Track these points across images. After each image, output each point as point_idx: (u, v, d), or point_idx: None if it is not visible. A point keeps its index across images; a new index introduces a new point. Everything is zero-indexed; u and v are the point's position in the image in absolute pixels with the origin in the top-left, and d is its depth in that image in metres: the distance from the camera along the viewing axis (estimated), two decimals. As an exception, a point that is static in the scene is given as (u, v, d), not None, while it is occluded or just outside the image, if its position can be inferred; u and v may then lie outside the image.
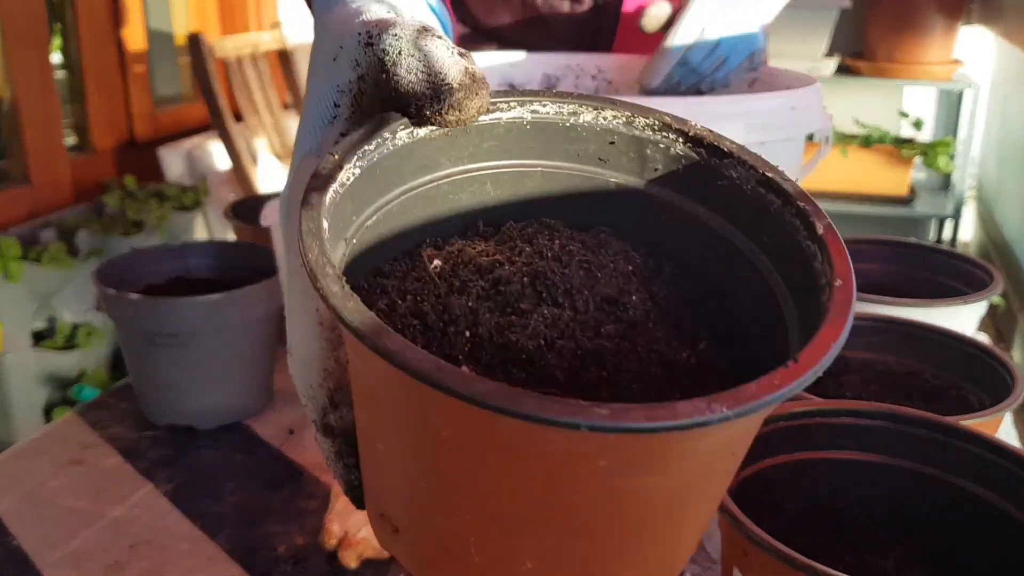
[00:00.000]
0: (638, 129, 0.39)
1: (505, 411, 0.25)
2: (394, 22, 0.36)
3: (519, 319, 0.33)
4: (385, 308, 0.34)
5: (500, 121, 0.38)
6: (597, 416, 0.24)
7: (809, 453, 0.57)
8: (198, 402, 0.86)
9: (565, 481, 0.28)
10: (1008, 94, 2.89)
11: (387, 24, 0.36)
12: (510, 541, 0.31)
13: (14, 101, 1.98)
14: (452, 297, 0.34)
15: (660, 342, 0.35)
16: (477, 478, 0.29)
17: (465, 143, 0.38)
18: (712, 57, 0.98)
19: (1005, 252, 2.68)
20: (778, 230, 0.36)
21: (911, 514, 0.56)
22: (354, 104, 0.38)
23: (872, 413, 0.56)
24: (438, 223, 0.39)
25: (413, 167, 0.37)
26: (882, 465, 0.56)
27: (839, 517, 0.57)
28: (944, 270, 0.91)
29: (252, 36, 2.43)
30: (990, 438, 0.53)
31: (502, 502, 0.29)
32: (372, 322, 0.26)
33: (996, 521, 0.52)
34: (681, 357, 0.34)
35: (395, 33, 0.36)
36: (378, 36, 0.36)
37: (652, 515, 0.30)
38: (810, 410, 0.56)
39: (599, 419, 0.24)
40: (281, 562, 0.66)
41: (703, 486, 0.32)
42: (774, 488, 0.56)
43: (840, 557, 0.56)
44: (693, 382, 0.34)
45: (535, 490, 0.29)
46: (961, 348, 0.72)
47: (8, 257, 1.75)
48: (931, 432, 0.55)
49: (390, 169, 0.36)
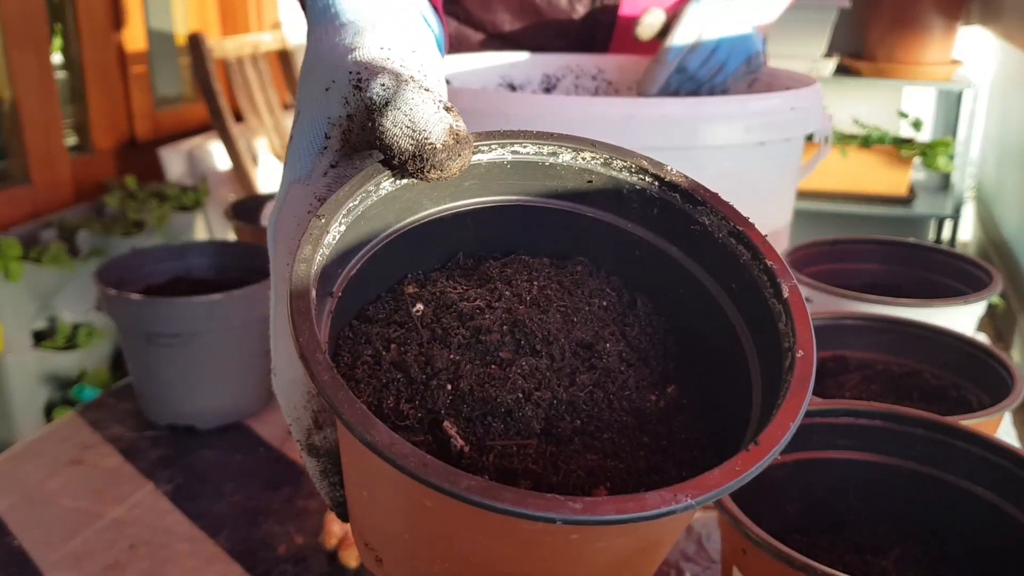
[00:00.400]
0: (615, 170, 0.41)
1: (486, 507, 0.27)
2: (383, 69, 0.37)
3: (499, 370, 0.35)
4: (370, 359, 0.35)
5: (481, 162, 0.40)
6: (571, 511, 0.27)
7: (809, 453, 0.57)
8: (198, 402, 0.86)
9: (539, 549, 0.31)
10: (1007, 94, 2.89)
11: (376, 71, 0.37)
12: None
13: (15, 101, 1.98)
14: (435, 347, 0.36)
15: (631, 388, 0.37)
16: (457, 543, 0.32)
17: (446, 184, 0.39)
18: (710, 63, 0.98)
19: (1004, 252, 2.68)
20: (746, 281, 0.37)
21: (911, 514, 0.56)
22: (344, 139, 0.38)
23: (872, 413, 0.56)
24: (420, 259, 0.41)
25: (396, 211, 0.39)
26: (882, 465, 0.56)
27: (839, 517, 0.57)
28: (943, 270, 0.91)
29: (252, 36, 2.43)
30: (989, 438, 0.53)
31: (481, 560, 0.32)
32: (362, 415, 0.28)
33: (996, 521, 0.52)
34: (649, 402, 0.37)
35: (383, 83, 0.36)
36: (367, 82, 0.36)
37: (617, 567, 0.33)
38: (810, 410, 0.57)
39: (573, 514, 0.27)
40: (281, 562, 0.66)
41: (665, 539, 0.34)
42: (774, 488, 0.56)
43: (840, 557, 0.56)
44: (660, 427, 0.36)
45: (511, 555, 0.31)
46: (961, 348, 0.72)
47: (9, 257, 1.75)
48: (931, 432, 0.55)
49: (374, 218, 0.37)
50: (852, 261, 0.95)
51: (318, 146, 0.39)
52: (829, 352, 0.76)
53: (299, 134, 0.39)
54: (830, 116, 0.99)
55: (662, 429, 0.36)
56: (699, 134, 0.83)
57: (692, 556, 0.67)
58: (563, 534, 0.29)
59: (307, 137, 0.39)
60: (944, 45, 2.77)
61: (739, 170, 0.88)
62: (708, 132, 0.83)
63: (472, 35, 1.12)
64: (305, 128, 0.39)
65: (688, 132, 0.82)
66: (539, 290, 0.39)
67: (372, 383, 0.34)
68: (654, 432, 0.36)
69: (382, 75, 0.36)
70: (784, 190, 0.96)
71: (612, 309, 0.40)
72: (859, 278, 0.92)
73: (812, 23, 2.65)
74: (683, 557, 0.66)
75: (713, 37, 0.96)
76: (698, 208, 0.39)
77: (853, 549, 0.56)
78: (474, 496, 0.27)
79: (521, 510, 0.27)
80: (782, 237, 0.98)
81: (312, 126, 0.39)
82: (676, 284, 0.40)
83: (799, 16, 2.60)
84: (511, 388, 0.34)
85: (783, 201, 0.97)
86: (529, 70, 1.12)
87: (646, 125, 0.82)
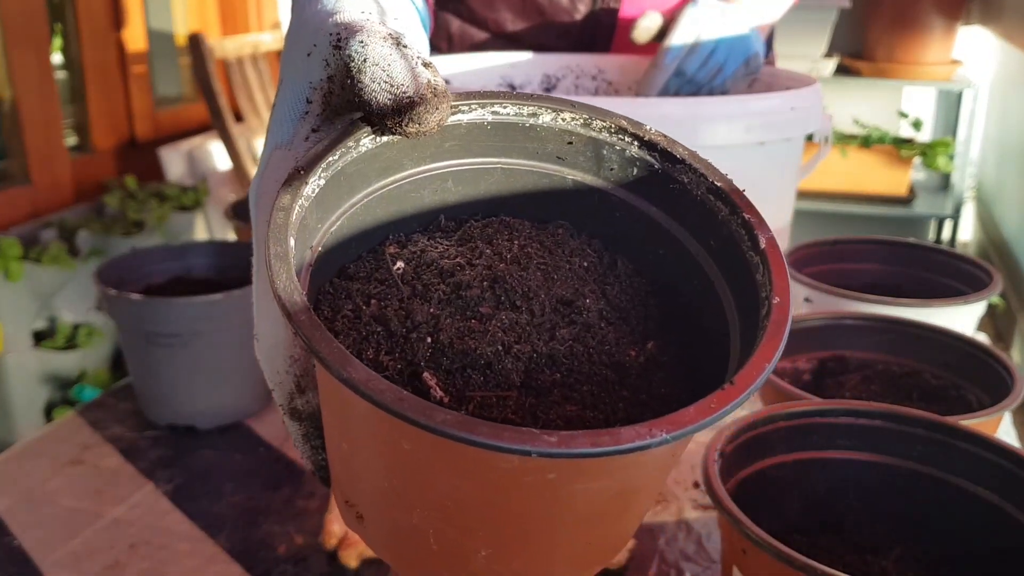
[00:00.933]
0: (595, 131, 0.41)
1: (461, 439, 0.27)
2: (362, 28, 0.37)
3: (479, 324, 0.35)
4: (350, 313, 0.35)
5: (461, 123, 0.40)
6: (546, 444, 0.27)
7: (809, 453, 0.57)
8: (198, 402, 0.86)
9: (516, 490, 0.31)
10: (1007, 94, 2.89)
11: (355, 29, 0.37)
12: (465, 536, 0.33)
13: (15, 101, 1.98)
14: (415, 302, 0.36)
15: (610, 343, 0.37)
16: (435, 485, 0.31)
17: (427, 144, 0.40)
18: (708, 65, 0.98)
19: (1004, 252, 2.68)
20: (724, 237, 0.38)
21: (911, 514, 0.56)
22: (325, 102, 0.39)
23: (872, 413, 0.56)
24: (401, 220, 0.41)
25: (377, 170, 0.39)
26: (882, 465, 0.56)
27: (839, 517, 0.57)
28: (943, 270, 0.91)
29: (252, 36, 2.43)
30: (989, 438, 0.53)
31: (458, 506, 0.32)
32: (338, 353, 0.28)
33: (995, 520, 0.52)
34: (629, 357, 0.37)
35: (361, 40, 0.36)
36: (346, 41, 0.37)
37: (596, 512, 0.33)
38: (810, 410, 0.57)
39: (548, 446, 0.27)
40: (281, 562, 0.66)
41: (644, 485, 0.35)
42: (774, 488, 0.56)
43: (840, 557, 0.56)
44: (640, 381, 0.36)
45: (488, 497, 0.31)
46: (960, 348, 0.72)
47: (9, 257, 1.75)
48: (931, 432, 0.55)
49: (354, 175, 0.38)
50: (852, 261, 0.95)
51: (299, 111, 0.39)
52: (829, 352, 0.76)
53: (281, 101, 0.40)
54: (830, 116, 0.99)
55: (641, 384, 0.36)
56: (699, 134, 0.83)
57: (692, 556, 0.67)
58: (540, 473, 0.29)
59: (289, 103, 0.39)
60: (944, 45, 2.76)
61: (739, 170, 0.88)
62: (708, 132, 0.83)
63: (475, 34, 1.12)
64: (287, 94, 0.39)
65: (688, 132, 0.82)
66: (520, 249, 0.39)
67: (352, 335, 0.34)
68: (633, 386, 0.36)
69: (361, 33, 0.36)
70: (784, 190, 0.96)
71: (593, 269, 0.40)
72: (859, 278, 0.93)
73: (812, 23, 2.65)
74: (683, 557, 0.66)
75: (711, 39, 0.96)
76: (677, 167, 0.40)
77: (853, 549, 0.56)
78: (450, 429, 0.27)
79: (496, 443, 0.26)
80: (782, 237, 0.98)
81: (294, 92, 0.39)
82: (656, 244, 0.41)
83: (799, 16, 2.60)
84: (491, 341, 0.34)
85: (783, 201, 0.97)
86: (529, 70, 1.12)
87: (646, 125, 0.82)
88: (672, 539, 0.69)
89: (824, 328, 0.76)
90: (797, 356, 0.76)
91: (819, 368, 0.76)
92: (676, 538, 0.69)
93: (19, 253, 1.78)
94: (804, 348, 0.76)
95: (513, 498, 0.31)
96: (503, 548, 0.33)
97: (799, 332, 0.76)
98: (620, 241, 0.42)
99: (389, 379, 0.32)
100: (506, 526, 0.32)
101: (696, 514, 0.72)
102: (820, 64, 2.75)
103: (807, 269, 0.89)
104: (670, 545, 0.68)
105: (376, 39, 0.36)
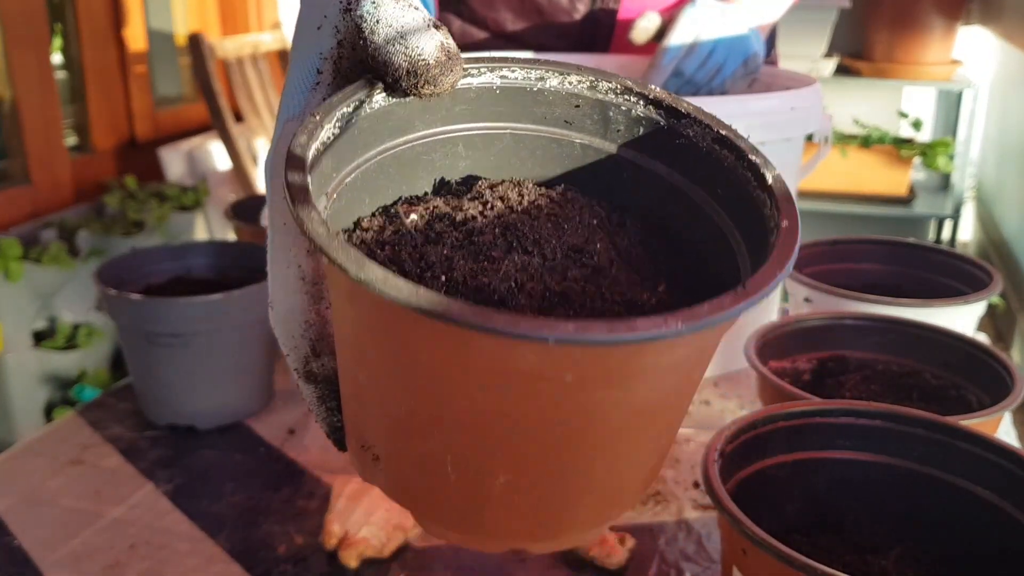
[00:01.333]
0: (601, 93, 0.42)
1: (478, 327, 0.27)
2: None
3: (491, 265, 0.36)
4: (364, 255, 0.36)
5: (471, 86, 0.40)
6: (563, 330, 0.27)
7: (809, 453, 0.57)
8: (198, 402, 0.86)
9: (534, 396, 0.31)
10: (1007, 94, 2.89)
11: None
12: (484, 457, 0.33)
13: (15, 101, 1.98)
14: (428, 247, 0.36)
15: (622, 284, 0.37)
16: (453, 399, 0.32)
17: (438, 107, 0.40)
18: (707, 66, 0.98)
19: (1004, 252, 2.68)
20: (732, 182, 0.38)
21: (911, 514, 0.56)
22: (335, 69, 0.39)
23: (872, 413, 0.56)
24: (413, 182, 0.41)
25: (389, 129, 0.39)
26: (882, 465, 0.56)
27: (839, 517, 0.57)
28: (943, 270, 0.91)
29: (252, 36, 2.43)
30: (990, 438, 0.53)
31: (476, 420, 0.32)
32: (355, 255, 0.28)
33: (995, 520, 0.52)
34: (642, 298, 0.37)
35: (373, 1, 0.37)
36: (356, 2, 0.37)
37: (616, 430, 0.33)
38: (810, 410, 0.57)
39: (565, 332, 0.27)
40: (281, 562, 0.66)
41: (662, 405, 0.35)
42: (774, 488, 0.56)
43: (840, 557, 0.56)
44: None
45: (507, 407, 0.31)
46: (961, 348, 0.72)
47: (9, 257, 1.75)
48: (931, 432, 0.55)
49: (367, 130, 0.38)
50: (852, 261, 0.95)
51: (310, 83, 0.39)
52: (829, 352, 0.76)
53: (292, 75, 0.40)
54: (830, 116, 0.99)
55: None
56: (699, 134, 0.83)
57: (692, 556, 0.67)
58: (557, 377, 0.29)
59: (299, 75, 0.40)
60: (944, 45, 2.76)
61: (739, 170, 0.88)
62: (708, 132, 0.83)
63: (476, 33, 1.12)
64: (297, 67, 0.40)
65: (688, 132, 0.82)
66: (530, 203, 0.40)
67: None
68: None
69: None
70: (784, 190, 0.96)
71: (602, 225, 0.41)
72: (859, 278, 0.93)
73: (812, 23, 2.66)
74: (683, 557, 0.66)
75: (710, 39, 0.96)
76: (682, 121, 0.41)
77: (853, 549, 0.56)
78: (466, 317, 0.27)
79: (513, 330, 0.27)
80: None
81: (304, 64, 0.40)
82: (664, 200, 0.41)
83: (799, 16, 2.60)
84: (504, 277, 0.35)
85: (783, 201, 0.97)
86: (529, 70, 1.11)
87: (646, 125, 0.82)
88: (672, 539, 0.69)
89: (824, 328, 0.76)
90: (797, 356, 0.76)
91: (819, 368, 0.76)
92: (676, 538, 0.69)
93: (19, 253, 1.78)
94: (804, 348, 0.76)
95: (531, 409, 0.31)
96: (522, 473, 0.33)
97: (799, 332, 0.76)
98: (629, 202, 0.42)
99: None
100: (524, 442, 0.32)
101: (696, 514, 0.72)
102: (820, 64, 2.75)
103: (807, 269, 0.89)
104: (670, 545, 0.68)
105: (388, 1, 0.37)
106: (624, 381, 0.31)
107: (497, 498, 0.34)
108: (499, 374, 0.30)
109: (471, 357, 0.30)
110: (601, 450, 0.33)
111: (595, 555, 0.64)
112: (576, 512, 0.36)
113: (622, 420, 0.32)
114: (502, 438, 0.32)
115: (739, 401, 0.91)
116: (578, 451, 0.33)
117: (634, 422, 0.33)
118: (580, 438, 0.32)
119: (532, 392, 0.30)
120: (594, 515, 0.37)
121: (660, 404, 0.34)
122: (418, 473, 0.35)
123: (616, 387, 0.31)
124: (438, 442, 0.33)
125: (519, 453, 0.33)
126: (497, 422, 0.32)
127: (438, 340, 0.29)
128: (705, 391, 0.93)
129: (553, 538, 0.36)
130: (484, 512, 0.35)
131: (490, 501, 0.34)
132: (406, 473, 0.36)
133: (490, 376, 0.30)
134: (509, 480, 0.33)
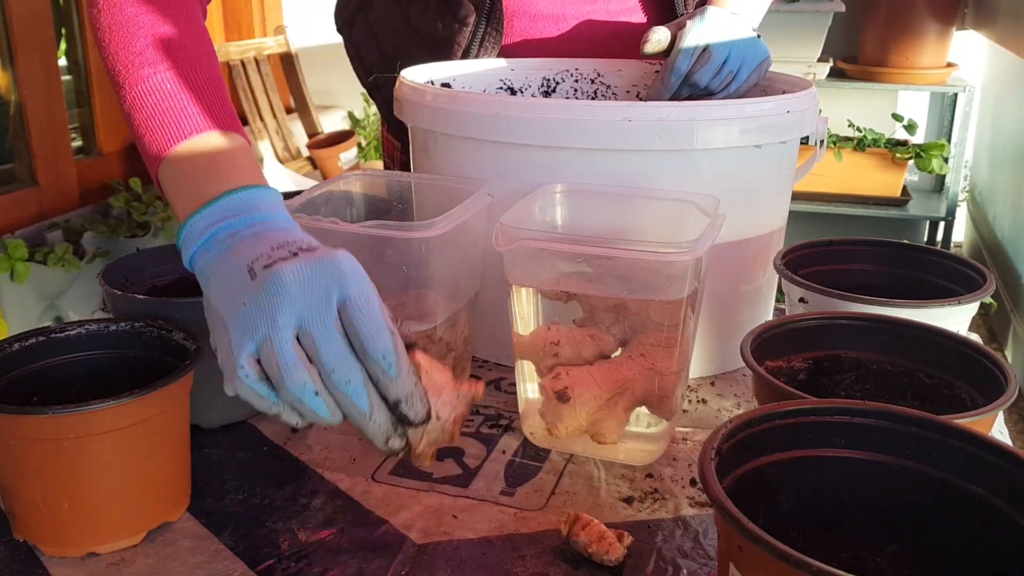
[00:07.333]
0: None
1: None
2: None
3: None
4: None
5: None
6: None
7: (804, 451, 0.57)
8: (202, 401, 0.86)
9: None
10: (1000, 97, 2.90)
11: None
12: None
13: (21, 105, 1.98)
14: None
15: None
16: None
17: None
18: (721, 75, 0.98)
19: (997, 253, 2.69)
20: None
21: (905, 511, 0.56)
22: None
23: (866, 412, 0.57)
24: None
25: None
26: (876, 463, 0.57)
27: (834, 514, 0.58)
28: (937, 271, 0.92)
29: (256, 41, 2.44)
30: (983, 436, 0.54)
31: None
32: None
33: (989, 518, 0.53)
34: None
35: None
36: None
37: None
38: (805, 408, 0.57)
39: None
40: (284, 559, 0.67)
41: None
42: (770, 485, 0.57)
43: (835, 553, 0.57)
44: None
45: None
46: (954, 348, 0.73)
47: (15, 258, 1.76)
48: (925, 430, 0.56)
49: None
50: (847, 262, 0.96)
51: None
52: (824, 352, 0.77)
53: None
54: (825, 119, 1.00)
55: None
56: (696, 137, 0.84)
57: (689, 553, 0.68)
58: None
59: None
60: (938, 49, 2.78)
61: (735, 172, 0.89)
62: (705, 135, 0.84)
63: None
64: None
65: (685, 135, 0.83)
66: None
67: None
68: None
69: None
70: (779, 192, 0.97)
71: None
72: (854, 279, 0.93)
73: (807, 27, 2.67)
74: (680, 554, 0.67)
75: (722, 48, 0.97)
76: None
77: (848, 546, 0.57)
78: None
79: None
80: (777, 238, 0.99)
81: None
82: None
83: (795, 20, 2.61)
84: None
85: (778, 203, 0.98)
86: (529, 74, 1.12)
87: (644, 128, 0.83)
88: (669, 536, 0.70)
89: (819, 328, 0.77)
90: (792, 356, 0.77)
91: (814, 367, 0.77)
92: (673, 535, 0.70)
93: (25, 254, 1.79)
94: (799, 348, 0.77)
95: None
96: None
97: (794, 332, 0.77)
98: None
99: None
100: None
101: (693, 511, 0.73)
102: (815, 67, 2.76)
103: (802, 270, 0.90)
104: (667, 542, 0.69)
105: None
106: None
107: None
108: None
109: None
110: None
111: (593, 551, 0.65)
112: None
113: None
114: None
115: (735, 400, 0.92)
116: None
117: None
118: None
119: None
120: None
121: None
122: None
123: None
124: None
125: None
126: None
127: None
128: (702, 390, 0.94)
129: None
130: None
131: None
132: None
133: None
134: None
